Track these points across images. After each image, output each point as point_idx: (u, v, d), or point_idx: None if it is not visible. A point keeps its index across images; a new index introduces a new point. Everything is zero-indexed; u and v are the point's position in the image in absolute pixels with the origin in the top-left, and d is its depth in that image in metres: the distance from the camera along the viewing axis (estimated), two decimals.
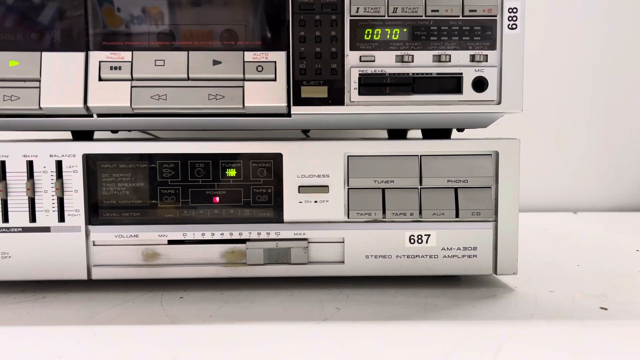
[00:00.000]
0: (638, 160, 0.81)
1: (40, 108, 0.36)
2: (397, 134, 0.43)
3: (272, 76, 0.37)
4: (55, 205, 0.37)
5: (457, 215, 0.38)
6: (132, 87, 0.36)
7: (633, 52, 0.78)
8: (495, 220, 0.38)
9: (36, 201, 0.37)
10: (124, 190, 0.38)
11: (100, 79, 0.36)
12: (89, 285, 0.39)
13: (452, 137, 0.42)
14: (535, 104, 0.75)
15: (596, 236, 0.61)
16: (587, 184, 0.81)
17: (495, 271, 0.39)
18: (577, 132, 0.80)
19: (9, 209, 0.37)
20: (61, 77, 0.36)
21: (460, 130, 0.44)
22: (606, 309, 0.34)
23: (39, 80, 0.36)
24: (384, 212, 0.38)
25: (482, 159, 0.38)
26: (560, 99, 0.78)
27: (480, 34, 0.37)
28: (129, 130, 0.45)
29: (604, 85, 0.79)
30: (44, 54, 0.36)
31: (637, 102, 0.79)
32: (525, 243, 0.40)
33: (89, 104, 0.36)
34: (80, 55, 0.36)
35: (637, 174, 0.81)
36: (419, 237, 0.38)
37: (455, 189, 0.38)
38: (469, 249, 0.38)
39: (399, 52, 0.37)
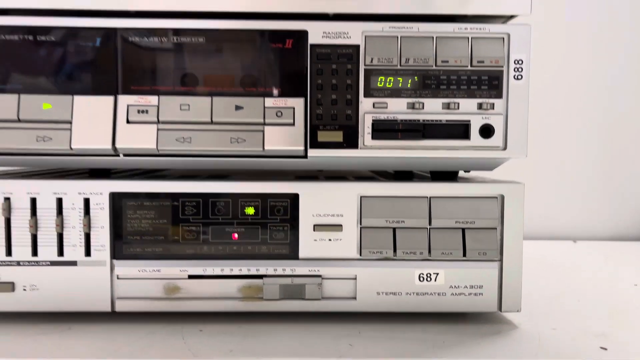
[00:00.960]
0: (637, 190, 0.83)
1: (71, 149, 0.38)
2: (404, 173, 0.45)
3: (291, 121, 0.39)
4: (82, 240, 0.39)
5: (464, 255, 0.40)
6: (158, 129, 0.38)
7: (632, 84, 0.81)
8: (500, 260, 0.40)
9: (64, 236, 0.39)
10: (147, 227, 0.40)
11: (128, 122, 0.38)
12: (112, 317, 0.40)
13: (459, 177, 0.44)
14: (537, 134, 0.78)
15: (595, 268, 0.63)
16: (587, 213, 0.83)
17: (500, 308, 0.40)
18: (577, 160, 0.82)
19: (38, 244, 0.39)
20: (91, 119, 0.38)
21: (466, 170, 0.46)
22: (606, 349, 0.36)
23: (71, 122, 0.38)
24: (394, 250, 0.40)
25: (488, 202, 0.40)
26: (561, 128, 0.81)
27: (487, 83, 0.39)
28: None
29: (605, 115, 0.81)
30: (76, 97, 0.38)
31: (637, 131, 0.82)
32: (526, 274, 0.42)
33: (117, 145, 0.38)
34: (110, 99, 0.39)
35: (636, 204, 0.83)
36: (428, 275, 0.40)
37: (463, 229, 0.40)
38: (475, 287, 0.40)
39: (410, 100, 0.39)
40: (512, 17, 0.40)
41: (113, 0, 0.38)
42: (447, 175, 0.43)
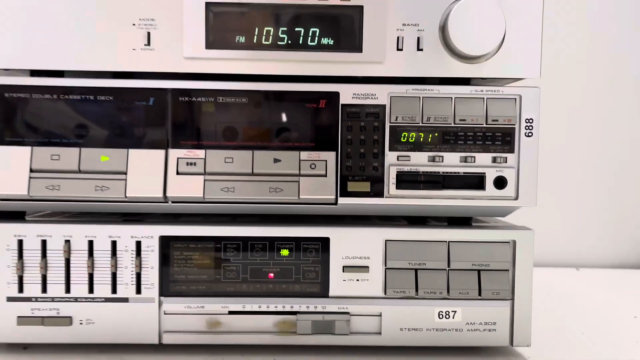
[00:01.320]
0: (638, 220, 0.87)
1: (125, 197, 0.42)
2: (418, 218, 0.49)
3: (324, 172, 0.43)
4: (134, 279, 0.43)
5: (479, 294, 0.44)
6: (205, 180, 0.43)
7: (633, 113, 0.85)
8: (512, 299, 0.44)
9: (117, 275, 0.43)
10: (192, 267, 0.44)
11: (177, 173, 0.43)
12: (159, 349, 0.44)
13: (473, 222, 0.48)
14: (541, 165, 0.82)
15: (598, 298, 0.66)
16: (590, 241, 0.87)
17: (511, 343, 0.44)
18: (579, 187, 0.86)
19: (94, 282, 0.43)
20: (144, 170, 0.42)
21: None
22: None
23: (126, 173, 0.42)
24: (416, 290, 0.44)
25: (501, 247, 0.44)
26: (562, 155, 0.85)
27: (501, 139, 0.44)
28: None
29: (607, 141, 0.85)
30: (131, 150, 0.43)
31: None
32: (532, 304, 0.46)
33: (168, 194, 0.42)
34: (161, 152, 0.43)
35: (637, 232, 0.87)
36: (447, 313, 0.44)
37: (479, 271, 0.44)
38: (489, 323, 0.44)
39: (431, 153, 0.44)
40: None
41: (167, 63, 0.42)
42: (462, 220, 0.48)
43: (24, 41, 0.42)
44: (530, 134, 0.44)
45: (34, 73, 0.44)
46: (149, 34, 0.42)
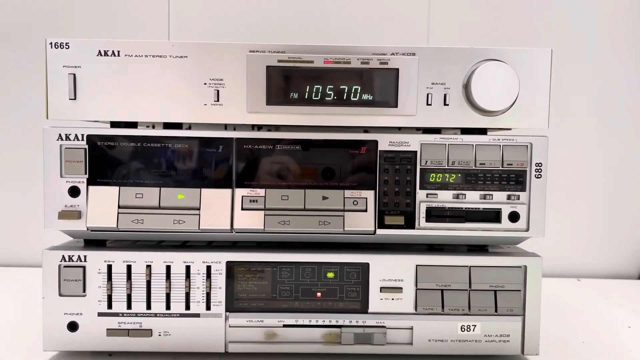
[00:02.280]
0: (637, 229, 0.94)
1: (199, 229, 0.50)
2: (438, 245, 0.57)
3: (364, 208, 0.51)
4: (204, 298, 0.51)
5: (495, 311, 0.52)
6: (265, 215, 0.51)
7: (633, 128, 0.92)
8: (523, 315, 0.52)
9: (190, 295, 0.51)
10: (253, 287, 0.52)
11: (242, 209, 0.51)
12: (225, 356, 0.52)
13: (490, 249, 0.56)
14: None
15: (596, 308, 0.74)
16: (589, 252, 0.95)
17: (523, 352, 0.52)
18: (578, 199, 0.93)
19: (171, 300, 0.51)
20: (215, 207, 0.50)
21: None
22: None
23: (199, 209, 0.50)
24: (442, 307, 0.52)
25: (515, 271, 0.52)
26: (562, 169, 0.92)
27: (514, 180, 0.51)
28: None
29: (606, 155, 0.93)
30: (203, 190, 0.51)
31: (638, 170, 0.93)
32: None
33: (234, 227, 0.50)
34: (228, 191, 0.51)
35: (635, 245, 0.95)
36: (468, 326, 0.52)
37: (495, 291, 0.52)
38: (504, 335, 0.52)
39: (455, 192, 0.51)
40: None
41: (233, 116, 0.50)
42: (480, 247, 0.55)
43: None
44: (539, 176, 0.51)
45: (128, 125, 0.52)
46: (218, 91, 0.50)
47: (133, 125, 0.52)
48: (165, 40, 0.47)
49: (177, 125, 0.52)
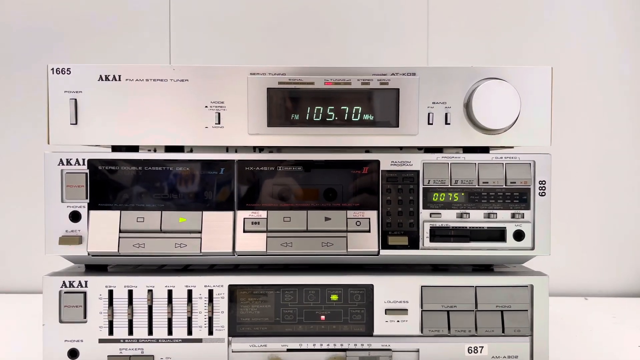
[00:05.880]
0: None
1: (200, 252, 0.50)
2: (443, 265, 0.57)
3: (367, 229, 0.51)
4: (207, 322, 0.51)
5: (503, 331, 0.51)
6: (267, 237, 0.50)
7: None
8: (531, 335, 0.51)
9: (192, 319, 0.50)
10: (255, 310, 0.51)
11: (244, 231, 0.50)
12: None
13: (495, 268, 0.55)
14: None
15: (604, 327, 0.73)
16: (595, 271, 0.94)
17: None
18: (585, 217, 0.92)
19: (173, 325, 0.50)
20: (217, 230, 0.50)
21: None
22: None
23: (200, 232, 0.50)
24: (449, 329, 0.51)
25: (521, 290, 0.51)
26: (568, 185, 0.92)
27: (518, 198, 0.51)
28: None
29: (610, 171, 0.92)
30: (204, 212, 0.50)
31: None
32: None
33: (236, 249, 0.50)
34: (230, 214, 0.50)
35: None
36: (475, 348, 0.51)
37: (502, 311, 0.51)
38: (512, 357, 0.51)
39: (458, 211, 0.51)
40: None
41: (234, 138, 0.50)
42: (485, 266, 0.55)
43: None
44: (543, 194, 0.51)
45: (129, 148, 0.52)
46: (219, 114, 0.50)
47: (134, 149, 0.52)
48: (166, 63, 0.48)
49: (179, 149, 0.52)
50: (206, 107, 0.50)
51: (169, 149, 0.52)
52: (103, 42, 0.88)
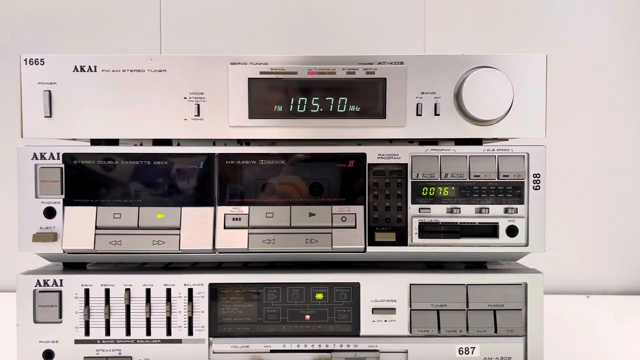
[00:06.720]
0: None
1: (179, 249, 0.48)
2: (437, 262, 0.54)
3: (353, 225, 0.48)
4: (186, 322, 0.49)
5: (495, 332, 0.49)
6: (249, 233, 0.48)
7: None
8: (525, 335, 0.49)
9: (172, 319, 0.49)
10: (237, 310, 0.49)
11: (225, 227, 0.48)
12: None
13: (488, 266, 0.53)
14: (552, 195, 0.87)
15: (606, 326, 0.70)
16: (597, 268, 0.91)
17: None
18: (587, 214, 0.90)
19: (151, 325, 0.49)
20: (196, 226, 0.48)
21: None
22: None
23: (179, 229, 0.48)
24: (439, 329, 0.49)
25: (515, 288, 0.49)
26: (571, 183, 0.89)
27: (511, 192, 0.49)
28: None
29: (612, 168, 0.90)
30: (183, 208, 0.48)
31: None
32: (545, 333, 0.50)
33: (217, 247, 0.48)
34: (210, 209, 0.48)
35: None
36: (466, 349, 0.49)
37: (494, 310, 0.49)
38: (505, 358, 0.49)
39: (449, 206, 0.49)
40: None
41: (214, 131, 0.48)
42: (478, 264, 0.53)
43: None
44: (537, 187, 0.49)
45: (109, 142, 0.50)
46: (198, 106, 0.48)
47: (114, 142, 0.50)
48: (149, 53, 0.46)
49: (159, 142, 0.50)
50: (185, 98, 0.48)
51: (154, 142, 0.50)
52: (92, 37, 0.86)
